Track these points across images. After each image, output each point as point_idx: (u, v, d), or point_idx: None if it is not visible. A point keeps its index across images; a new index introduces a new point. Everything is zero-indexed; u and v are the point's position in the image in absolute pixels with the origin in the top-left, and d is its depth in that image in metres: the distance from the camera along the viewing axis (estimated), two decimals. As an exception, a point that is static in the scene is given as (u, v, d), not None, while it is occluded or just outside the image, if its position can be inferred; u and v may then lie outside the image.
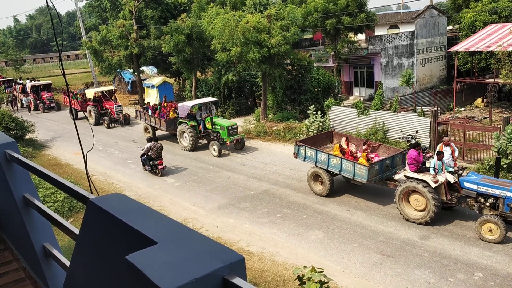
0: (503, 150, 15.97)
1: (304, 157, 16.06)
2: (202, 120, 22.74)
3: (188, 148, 22.92)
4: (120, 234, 1.63)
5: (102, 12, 54.17)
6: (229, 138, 21.60)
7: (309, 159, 15.92)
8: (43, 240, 2.98)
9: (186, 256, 1.31)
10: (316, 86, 27.44)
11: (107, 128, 30.35)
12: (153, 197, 17.32)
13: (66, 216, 16.11)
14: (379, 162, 14.49)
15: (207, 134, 22.84)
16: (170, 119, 24.57)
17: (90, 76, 47.32)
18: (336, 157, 15.02)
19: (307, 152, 15.92)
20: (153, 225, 1.56)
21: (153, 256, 1.32)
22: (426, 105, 27.45)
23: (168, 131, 25.33)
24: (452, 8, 39.17)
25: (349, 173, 14.61)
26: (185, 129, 22.77)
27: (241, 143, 22.49)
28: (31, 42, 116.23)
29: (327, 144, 17.35)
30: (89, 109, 31.48)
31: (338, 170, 14.93)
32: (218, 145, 21.65)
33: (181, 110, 22.84)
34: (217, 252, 1.33)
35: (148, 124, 26.02)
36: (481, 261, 11.15)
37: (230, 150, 22.37)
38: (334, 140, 17.53)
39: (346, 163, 14.65)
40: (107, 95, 31.67)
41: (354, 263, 11.53)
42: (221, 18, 23.80)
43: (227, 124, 21.88)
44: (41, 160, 23.73)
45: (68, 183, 2.29)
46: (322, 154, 15.43)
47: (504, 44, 23.39)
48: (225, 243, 13.16)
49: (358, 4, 28.04)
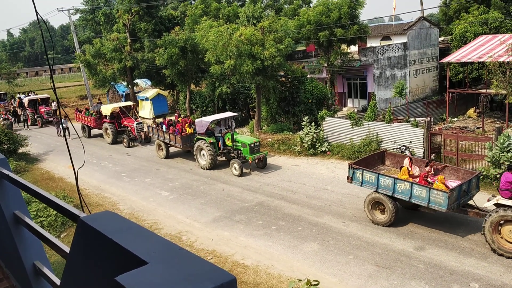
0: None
1: (361, 181, 14.15)
2: (222, 136, 21.33)
3: (206, 166, 21.38)
4: (110, 253, 1.60)
5: (96, 25, 54.46)
6: (251, 156, 19.94)
7: (368, 184, 14.02)
8: (33, 258, 2.94)
9: (177, 277, 1.29)
10: (310, 97, 27.56)
11: (126, 147, 27.74)
12: (147, 211, 17.22)
13: (59, 230, 15.97)
14: (458, 187, 12.64)
15: (226, 152, 21.42)
16: (186, 135, 23.08)
17: (84, 89, 47.27)
18: (405, 181, 13.16)
19: (365, 176, 14.03)
20: (144, 245, 1.54)
21: (143, 277, 1.30)
22: (419, 115, 27.61)
23: (184, 148, 23.73)
24: (443, 19, 39.73)
25: (422, 200, 12.78)
26: (203, 146, 21.26)
27: (264, 162, 20.88)
28: (25, 56, 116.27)
29: (378, 166, 15.70)
30: (106, 126, 29.07)
31: (407, 197, 13.07)
32: (239, 164, 20.06)
33: (199, 125, 21.37)
34: (208, 273, 1.31)
35: (162, 141, 24.39)
36: (477, 272, 11.13)
37: (252, 169, 20.81)
38: (387, 161, 15.98)
39: (419, 188, 12.79)
40: (126, 111, 28.93)
41: (350, 275, 11.48)
42: (214, 31, 23.94)
43: (249, 141, 20.26)
44: (34, 174, 23.58)
45: (59, 201, 2.27)
46: (385, 179, 13.56)
47: (495, 55, 23.65)
48: (220, 256, 13.09)
49: (350, 17, 28.33)
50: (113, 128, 28.78)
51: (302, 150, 22.73)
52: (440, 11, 41.02)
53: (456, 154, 18.42)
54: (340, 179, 18.77)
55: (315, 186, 18.13)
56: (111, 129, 28.76)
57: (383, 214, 13.94)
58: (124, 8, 36.70)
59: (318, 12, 28.59)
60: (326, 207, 15.92)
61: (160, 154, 24.74)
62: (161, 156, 24.57)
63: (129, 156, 25.66)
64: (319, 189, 17.81)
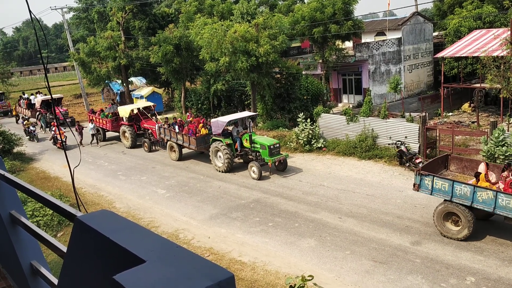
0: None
1: (431, 189, 12.77)
2: (239, 137, 20.25)
3: (223, 169, 20.29)
4: (108, 252, 1.60)
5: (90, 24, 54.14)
6: (271, 158, 18.87)
7: (440, 193, 12.61)
8: (30, 257, 2.94)
9: (174, 275, 1.29)
10: (305, 94, 27.58)
11: (147, 152, 25.71)
12: (143, 209, 17.20)
13: (56, 230, 15.93)
14: None
15: (244, 153, 20.43)
16: (201, 136, 21.88)
17: (79, 88, 47.07)
18: (487, 190, 11.72)
19: (436, 183, 12.62)
20: (141, 243, 1.54)
21: (140, 276, 1.30)
22: (414, 110, 27.70)
23: (199, 150, 22.58)
24: (437, 14, 39.78)
25: (510, 211, 11.43)
26: (220, 148, 20.11)
27: (284, 164, 19.70)
28: (18, 55, 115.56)
29: (442, 171, 14.40)
30: (124, 129, 26.88)
31: (490, 207, 11.66)
32: (258, 167, 18.95)
33: (215, 126, 20.32)
34: (206, 270, 1.31)
35: (174, 142, 23.10)
36: (473, 266, 11.20)
37: (272, 172, 19.68)
38: (451, 166, 14.62)
39: (505, 198, 11.36)
40: (146, 112, 26.83)
41: (346, 270, 11.52)
42: (209, 28, 23.89)
43: (268, 143, 19.11)
44: (30, 174, 23.50)
45: (55, 200, 2.26)
46: (462, 187, 12.11)
47: (489, 49, 23.73)
48: (217, 253, 13.10)
49: (344, 12, 28.34)
50: (132, 131, 26.65)
51: (298, 146, 22.75)
52: (434, 6, 41.07)
53: (451, 149, 18.50)
54: (336, 175, 18.84)
55: (311, 182, 18.16)
56: (129, 132, 26.54)
57: (457, 226, 12.58)
58: (118, 6, 36.56)
59: (313, 8, 28.59)
60: (323, 203, 15.96)
61: (172, 156, 23.58)
62: (173, 158, 23.46)
63: (125, 155, 25.60)
64: (315, 185, 17.85)
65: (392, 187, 16.89)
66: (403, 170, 18.36)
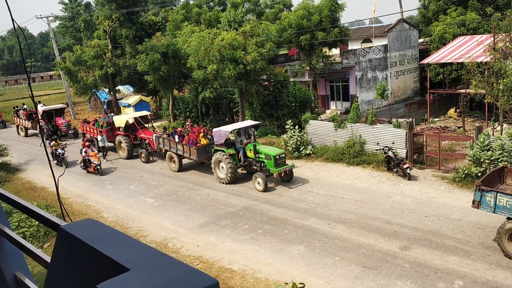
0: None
1: (494, 207, 11.51)
2: (242, 147, 19.62)
3: (226, 180, 19.49)
4: (91, 261, 1.59)
5: (76, 33, 53.92)
6: (276, 169, 18.14)
7: (505, 211, 11.37)
8: (14, 269, 2.89)
9: (159, 283, 1.29)
10: (293, 101, 27.69)
11: (144, 162, 24.78)
12: (132, 218, 17.05)
13: (42, 241, 15.72)
14: None
15: (248, 164, 19.69)
16: (202, 146, 21.09)
17: (65, 97, 46.68)
18: None
19: (500, 200, 11.37)
20: (126, 251, 1.53)
21: (124, 284, 1.29)
22: (401, 116, 27.97)
23: (200, 160, 21.76)
24: (422, 21, 40.38)
25: None
26: (222, 158, 19.32)
27: (290, 175, 18.89)
28: (3, 64, 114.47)
29: (498, 185, 13.11)
30: (119, 140, 26.04)
31: None
32: (263, 178, 18.16)
33: (217, 136, 19.47)
34: (190, 277, 1.31)
35: (174, 153, 22.32)
36: (461, 269, 11.28)
37: (277, 183, 18.93)
38: (508, 179, 13.28)
39: None
40: (142, 121, 25.98)
41: (336, 276, 11.53)
42: (196, 36, 23.90)
43: (273, 153, 18.38)
44: (16, 184, 23.19)
45: (39, 210, 2.23)
46: None
47: (473, 55, 24.09)
48: (207, 262, 13.03)
49: (331, 20, 28.59)
50: (128, 141, 25.80)
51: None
52: (419, 13, 41.69)
53: (438, 154, 18.69)
54: (325, 181, 18.88)
55: (300, 189, 18.19)
56: (125, 142, 25.70)
57: None
58: (105, 14, 36.41)
59: (299, 16, 28.80)
60: (312, 209, 15.98)
61: (172, 167, 22.76)
62: (173, 169, 22.64)
63: (112, 164, 25.40)
64: (304, 191, 17.87)
65: (380, 192, 16.98)
66: (391, 176, 18.48)
